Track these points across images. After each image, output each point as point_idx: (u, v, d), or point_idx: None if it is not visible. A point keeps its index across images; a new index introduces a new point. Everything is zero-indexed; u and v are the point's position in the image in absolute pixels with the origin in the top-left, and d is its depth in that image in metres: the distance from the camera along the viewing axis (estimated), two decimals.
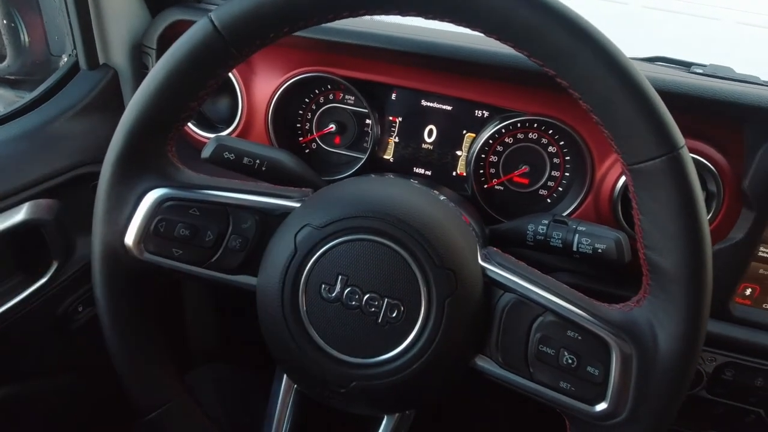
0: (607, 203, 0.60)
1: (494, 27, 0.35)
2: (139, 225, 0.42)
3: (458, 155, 0.69)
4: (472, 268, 0.39)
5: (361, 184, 0.43)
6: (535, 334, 0.38)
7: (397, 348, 0.37)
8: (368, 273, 0.37)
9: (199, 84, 0.40)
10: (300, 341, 0.38)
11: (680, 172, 0.33)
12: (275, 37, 0.39)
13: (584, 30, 0.33)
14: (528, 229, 0.54)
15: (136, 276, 0.43)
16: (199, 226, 0.42)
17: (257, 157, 0.54)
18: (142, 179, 0.42)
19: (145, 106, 0.40)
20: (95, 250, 0.42)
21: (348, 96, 0.70)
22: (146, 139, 0.41)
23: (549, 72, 0.35)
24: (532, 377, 0.38)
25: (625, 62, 0.33)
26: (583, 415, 0.37)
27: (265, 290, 0.40)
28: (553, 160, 0.65)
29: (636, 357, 0.36)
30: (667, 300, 0.35)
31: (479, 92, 0.64)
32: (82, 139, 0.62)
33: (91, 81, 0.65)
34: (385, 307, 0.37)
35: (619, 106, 0.33)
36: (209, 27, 0.38)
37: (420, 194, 0.42)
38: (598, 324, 0.37)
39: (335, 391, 0.39)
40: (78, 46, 0.65)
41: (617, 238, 0.48)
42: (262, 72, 0.69)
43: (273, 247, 0.41)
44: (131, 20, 0.69)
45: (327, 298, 0.38)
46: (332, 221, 0.38)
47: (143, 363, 0.44)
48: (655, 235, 0.35)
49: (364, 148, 0.71)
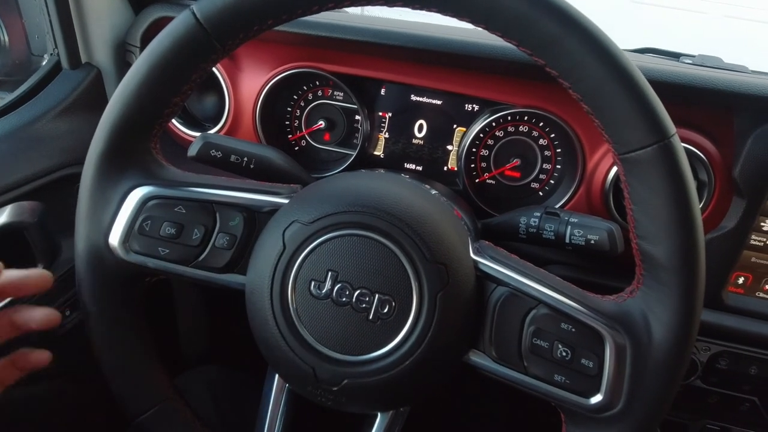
0: (599, 194, 0.60)
1: (482, 16, 0.34)
2: (123, 224, 0.41)
3: (449, 150, 0.68)
4: (463, 262, 0.38)
5: (351, 179, 0.43)
6: (528, 328, 0.37)
7: (389, 344, 0.37)
8: (358, 269, 0.37)
9: (183, 79, 0.39)
10: (290, 339, 0.38)
11: (672, 160, 0.33)
12: (259, 30, 0.38)
13: (573, 18, 0.32)
14: (520, 222, 0.54)
15: (121, 276, 0.42)
16: (186, 224, 0.41)
17: (245, 155, 0.53)
18: (125, 177, 0.41)
19: (126, 102, 0.39)
20: (79, 250, 0.41)
21: (337, 92, 0.70)
22: (129, 136, 0.40)
23: (538, 62, 0.35)
24: (527, 371, 0.38)
25: (615, 51, 0.33)
26: (578, 407, 0.37)
27: (254, 288, 0.39)
28: (544, 153, 0.65)
29: (630, 348, 0.36)
30: (661, 290, 0.35)
31: (469, 86, 0.63)
32: (65, 139, 0.61)
33: (73, 80, 0.64)
34: (376, 303, 0.36)
35: (610, 95, 0.33)
36: (191, 20, 0.37)
37: (410, 188, 0.42)
38: (592, 316, 0.36)
39: (327, 389, 0.38)
40: (59, 46, 0.63)
41: (609, 229, 0.48)
42: (248, 68, 0.68)
43: (261, 245, 0.40)
44: (114, 18, 0.67)
45: (317, 295, 0.37)
46: (321, 217, 0.38)
47: (131, 365, 0.43)
48: (647, 224, 0.34)
49: (354, 145, 0.70)
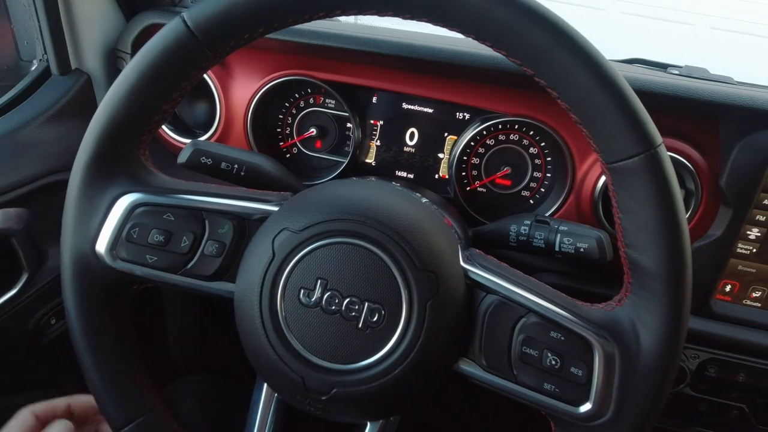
0: (589, 203, 0.61)
1: (472, 27, 0.35)
2: (111, 231, 0.40)
3: (440, 158, 0.68)
4: (453, 270, 0.38)
5: (340, 187, 0.43)
6: (518, 336, 0.37)
7: (378, 353, 0.36)
8: (348, 277, 0.37)
9: (172, 86, 0.39)
10: (279, 348, 0.37)
11: (658, 169, 0.33)
12: (250, 38, 0.38)
13: (561, 29, 0.33)
14: (510, 230, 0.54)
15: (108, 284, 0.41)
16: (174, 232, 0.41)
17: (235, 162, 0.53)
18: (113, 184, 0.41)
19: (115, 109, 0.39)
20: (65, 258, 0.41)
21: (329, 100, 0.70)
22: (117, 143, 0.40)
23: (527, 71, 0.35)
24: (516, 380, 0.38)
25: (602, 62, 0.33)
26: (568, 416, 0.37)
27: (243, 297, 0.39)
28: (534, 161, 0.66)
29: (619, 356, 0.36)
30: (649, 298, 0.35)
31: (460, 94, 0.64)
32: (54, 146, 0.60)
33: (62, 86, 0.63)
34: (365, 312, 0.36)
35: (597, 104, 0.33)
36: (182, 27, 0.37)
37: (400, 196, 0.42)
38: (581, 324, 0.37)
39: (316, 398, 0.38)
40: (48, 51, 0.63)
41: (599, 237, 0.48)
42: (239, 76, 0.68)
43: (250, 252, 0.40)
44: (104, 24, 0.67)
45: (306, 304, 0.37)
46: (310, 225, 0.38)
47: (115, 374, 0.42)
48: (634, 233, 0.35)
49: (345, 152, 0.70)
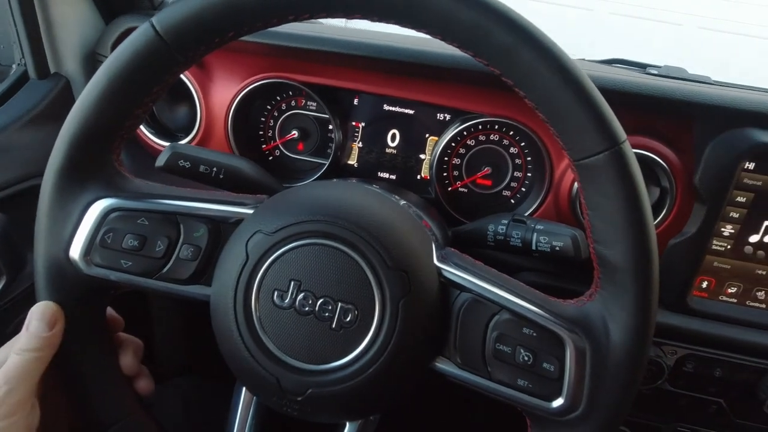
0: (566, 202, 0.61)
1: (438, 28, 0.35)
2: (84, 237, 0.40)
3: (422, 159, 0.69)
4: (426, 269, 0.39)
5: (314, 188, 0.43)
6: (491, 333, 0.38)
7: (352, 353, 0.37)
8: (320, 278, 0.37)
9: (144, 91, 0.39)
10: (254, 350, 0.37)
11: (623, 165, 0.34)
12: (221, 42, 0.38)
13: (523, 28, 0.33)
14: (488, 229, 0.54)
15: (83, 290, 0.41)
16: (149, 236, 0.41)
17: (214, 165, 0.53)
18: (86, 190, 0.40)
19: (86, 115, 0.38)
20: (38, 265, 0.41)
21: (310, 102, 0.70)
22: (89, 148, 0.40)
23: (494, 71, 0.36)
24: (491, 376, 0.38)
25: (564, 59, 0.34)
26: (542, 411, 0.37)
27: (218, 300, 0.39)
28: (515, 161, 0.66)
29: (590, 351, 0.36)
30: (617, 292, 0.35)
31: (440, 95, 0.64)
32: (31, 150, 0.60)
33: (40, 90, 0.63)
34: (338, 312, 0.36)
35: (561, 102, 0.33)
36: (150, 32, 0.37)
37: (373, 197, 0.42)
38: (552, 320, 0.37)
39: (292, 399, 0.38)
40: (26, 55, 0.63)
41: (573, 236, 0.49)
42: (219, 78, 0.68)
43: (225, 256, 0.40)
44: (83, 28, 0.67)
45: (280, 305, 0.37)
46: (283, 227, 0.38)
47: (93, 380, 0.42)
48: (602, 229, 0.35)
49: (327, 154, 0.71)
